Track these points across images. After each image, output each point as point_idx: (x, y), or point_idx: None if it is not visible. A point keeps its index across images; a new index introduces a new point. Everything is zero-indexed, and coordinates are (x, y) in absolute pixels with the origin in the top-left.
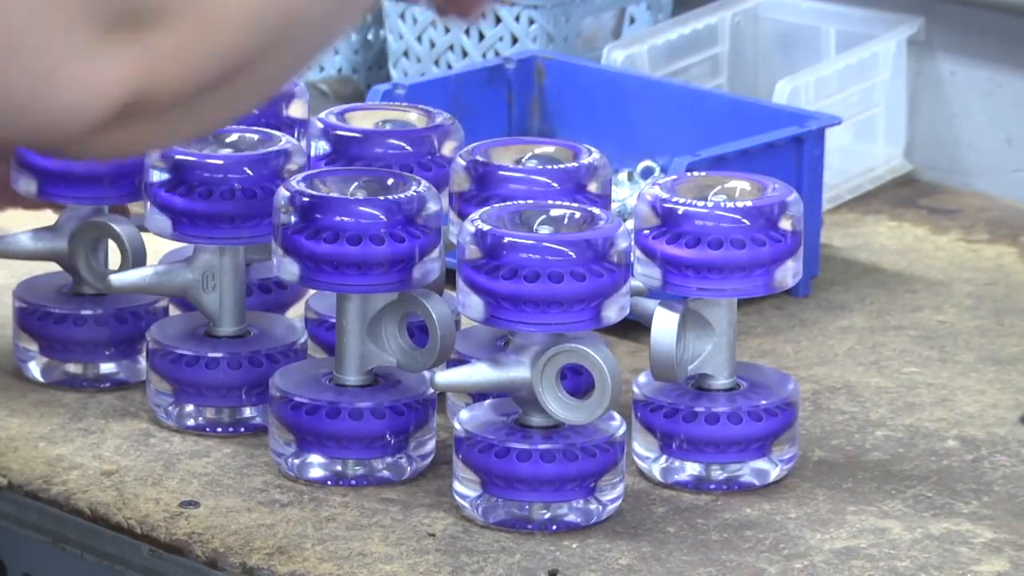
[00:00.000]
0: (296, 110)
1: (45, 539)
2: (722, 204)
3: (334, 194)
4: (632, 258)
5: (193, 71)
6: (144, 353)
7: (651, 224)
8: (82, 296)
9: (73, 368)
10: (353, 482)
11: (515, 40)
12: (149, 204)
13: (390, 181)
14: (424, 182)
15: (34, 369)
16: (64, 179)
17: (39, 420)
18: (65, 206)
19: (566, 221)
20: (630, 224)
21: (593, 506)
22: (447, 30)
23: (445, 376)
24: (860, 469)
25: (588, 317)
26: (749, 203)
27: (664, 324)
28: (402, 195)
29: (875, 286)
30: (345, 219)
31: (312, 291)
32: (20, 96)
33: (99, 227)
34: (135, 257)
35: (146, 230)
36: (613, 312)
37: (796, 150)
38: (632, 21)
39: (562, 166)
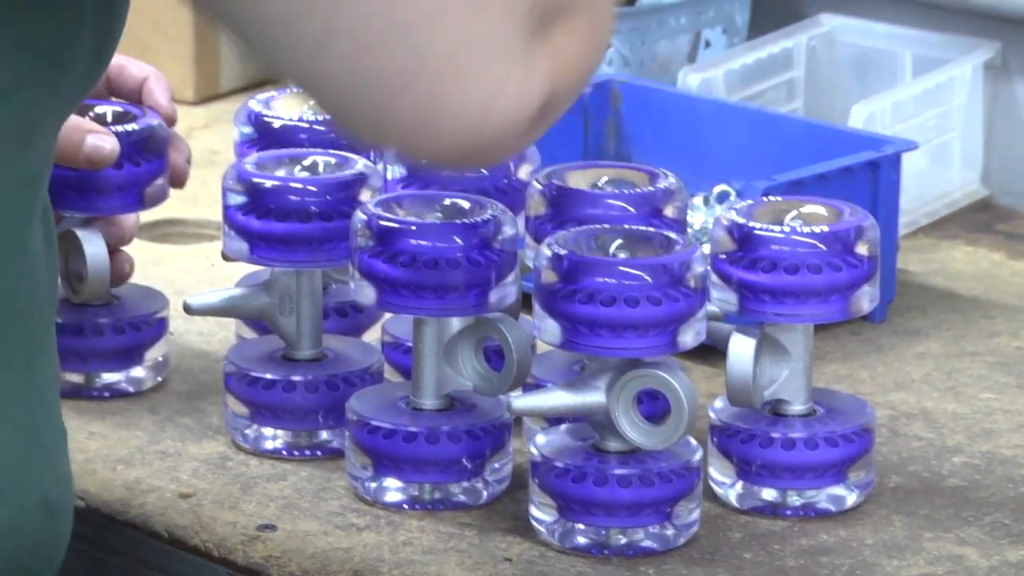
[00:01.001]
0: None
1: (122, 562)
2: (798, 229)
3: (411, 218)
4: (708, 283)
5: (589, 65)
6: (144, 363)
7: (727, 249)
8: (87, 307)
9: (75, 378)
10: (430, 506)
11: None
12: (226, 227)
13: (467, 205)
14: (500, 206)
15: None
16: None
17: (117, 443)
18: (63, 216)
19: (642, 245)
20: (706, 248)
21: (669, 531)
22: None
23: (521, 400)
24: (937, 496)
25: (664, 342)
26: (825, 228)
27: (740, 349)
28: (478, 219)
29: (951, 312)
30: (422, 243)
31: (389, 314)
32: (468, 117)
33: (70, 237)
34: (92, 277)
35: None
36: (689, 337)
37: (872, 175)
38: (708, 45)
39: (638, 190)
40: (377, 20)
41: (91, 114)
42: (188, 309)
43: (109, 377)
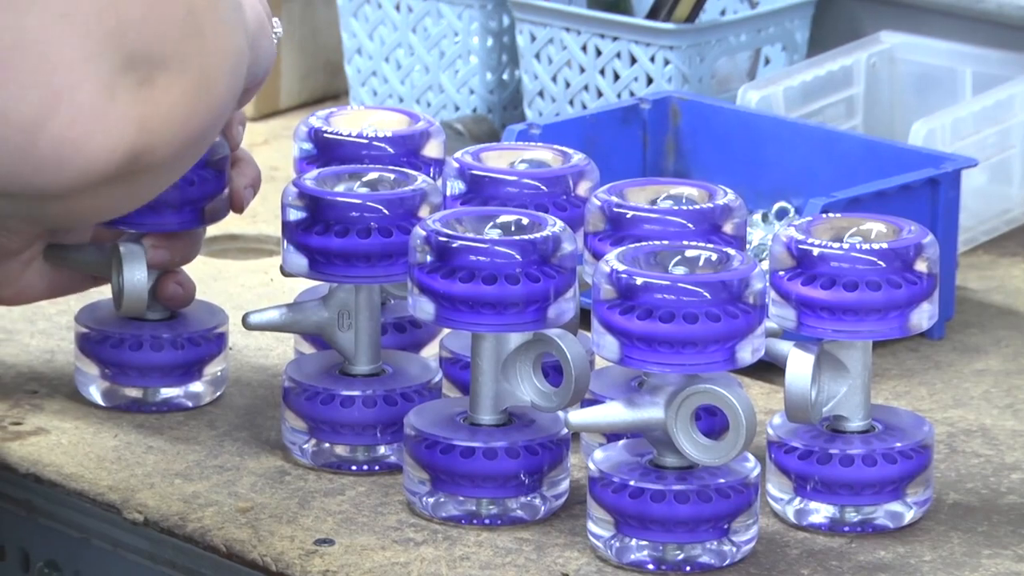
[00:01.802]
0: (432, 150)
1: None
2: (857, 246)
3: (469, 233)
4: (767, 299)
5: (187, 126)
6: (203, 378)
7: (786, 265)
8: (146, 322)
9: (133, 392)
10: (487, 521)
11: (650, 80)
12: (285, 242)
13: (525, 221)
14: (559, 222)
15: (95, 393)
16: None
17: (175, 457)
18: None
19: (701, 262)
20: (765, 265)
21: (727, 547)
22: (582, 70)
23: (579, 416)
24: (995, 512)
25: (723, 358)
26: (885, 245)
27: (799, 366)
28: (537, 235)
29: (1010, 329)
30: (480, 259)
31: (447, 330)
32: (30, 110)
33: (115, 252)
34: (128, 294)
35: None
36: (748, 353)
37: (932, 192)
38: (767, 62)
39: (697, 207)
40: None
41: None
42: (247, 324)
43: (167, 392)
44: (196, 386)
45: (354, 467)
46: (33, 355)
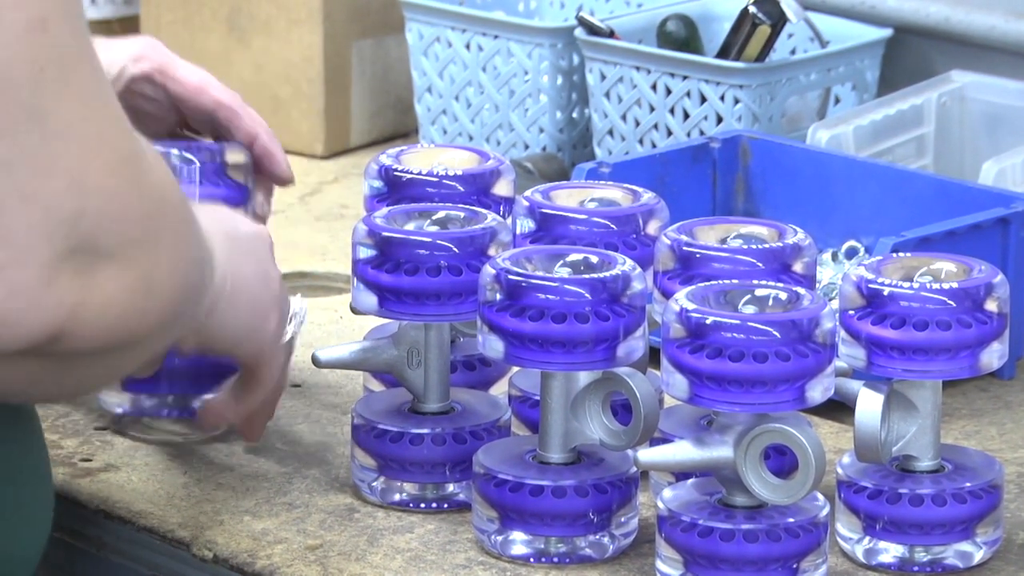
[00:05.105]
0: (502, 188)
1: None
2: (928, 285)
3: (539, 272)
4: (837, 339)
5: (119, 319)
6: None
7: (856, 305)
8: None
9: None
10: (556, 559)
11: (720, 119)
12: (355, 280)
13: (595, 259)
14: (629, 261)
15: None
16: None
17: (244, 494)
18: None
19: (771, 301)
20: (835, 304)
21: None
22: (652, 109)
23: (648, 454)
24: None
25: (792, 397)
26: (955, 284)
27: (869, 405)
28: (607, 274)
29: None
30: (550, 297)
31: (516, 368)
32: None
33: None
34: None
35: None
36: (818, 392)
37: (1002, 231)
38: (837, 101)
39: (767, 246)
40: None
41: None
42: (317, 362)
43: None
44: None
45: (423, 505)
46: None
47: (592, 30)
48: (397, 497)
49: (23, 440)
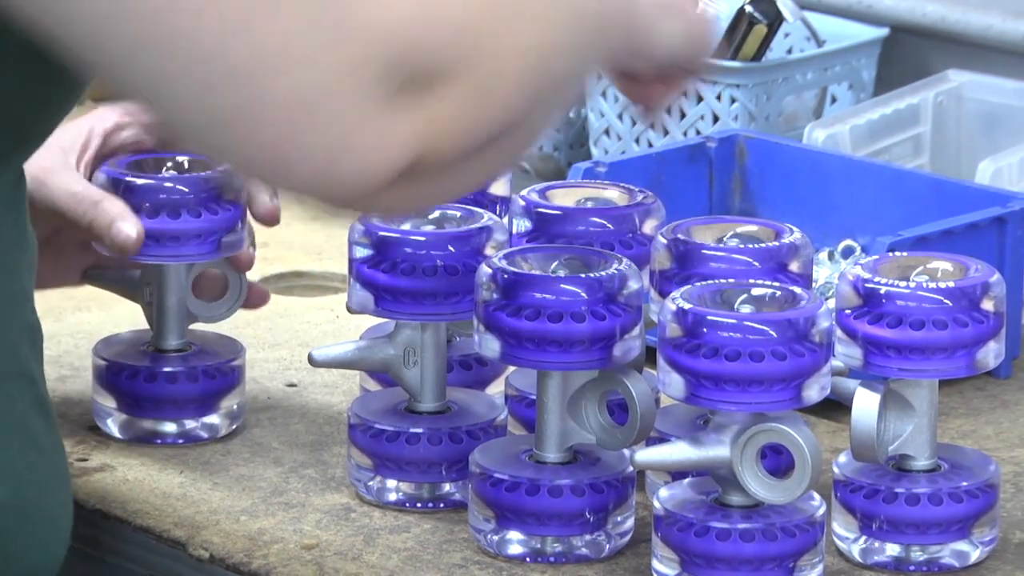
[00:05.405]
0: (498, 187)
1: None
2: (924, 285)
3: (536, 271)
4: (833, 338)
5: (471, 131)
6: (219, 412)
7: (853, 304)
8: (160, 353)
9: (149, 425)
10: (552, 559)
11: (716, 119)
12: (352, 280)
13: (592, 259)
14: (625, 260)
15: (112, 426)
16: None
17: (240, 494)
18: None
19: (767, 300)
20: (831, 303)
21: None
22: None
23: (645, 454)
24: None
25: (789, 397)
26: (951, 284)
27: (865, 404)
28: (603, 273)
29: None
30: (547, 296)
31: (512, 367)
32: (316, 160)
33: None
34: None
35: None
36: (814, 392)
37: (999, 231)
38: (834, 100)
39: (763, 245)
40: (213, 62)
41: (168, 164)
42: (313, 361)
43: (188, 424)
44: (212, 418)
45: (419, 504)
46: None
47: None
48: (393, 497)
49: (46, 444)
